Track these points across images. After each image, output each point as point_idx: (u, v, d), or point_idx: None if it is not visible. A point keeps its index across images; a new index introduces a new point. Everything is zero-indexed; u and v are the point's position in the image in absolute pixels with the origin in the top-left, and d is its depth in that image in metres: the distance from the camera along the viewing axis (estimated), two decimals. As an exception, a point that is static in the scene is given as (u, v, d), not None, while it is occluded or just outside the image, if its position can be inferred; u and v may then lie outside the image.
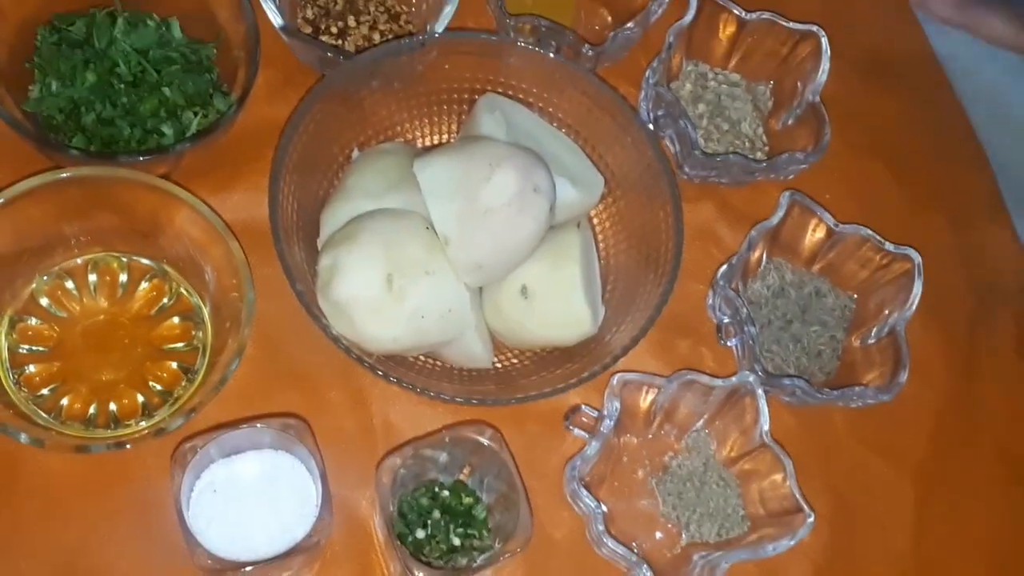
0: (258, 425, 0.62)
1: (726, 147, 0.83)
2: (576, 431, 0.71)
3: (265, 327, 0.71)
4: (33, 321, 0.69)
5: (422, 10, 0.82)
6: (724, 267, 0.76)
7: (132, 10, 0.75)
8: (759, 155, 0.84)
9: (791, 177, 0.82)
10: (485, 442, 0.64)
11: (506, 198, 0.67)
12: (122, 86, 0.72)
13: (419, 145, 0.79)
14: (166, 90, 0.72)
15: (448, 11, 0.77)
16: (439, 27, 0.77)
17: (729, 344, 0.76)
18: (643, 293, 0.72)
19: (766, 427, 0.70)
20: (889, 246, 0.78)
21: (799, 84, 0.83)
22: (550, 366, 0.71)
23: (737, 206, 0.83)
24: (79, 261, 0.70)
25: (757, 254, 0.78)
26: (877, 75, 0.88)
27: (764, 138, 0.84)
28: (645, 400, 0.71)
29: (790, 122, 0.84)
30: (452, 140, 0.79)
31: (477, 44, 0.75)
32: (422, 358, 0.72)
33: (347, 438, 0.70)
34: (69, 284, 0.70)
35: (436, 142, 0.79)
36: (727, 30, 0.84)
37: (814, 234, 0.79)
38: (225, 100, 0.74)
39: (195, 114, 0.73)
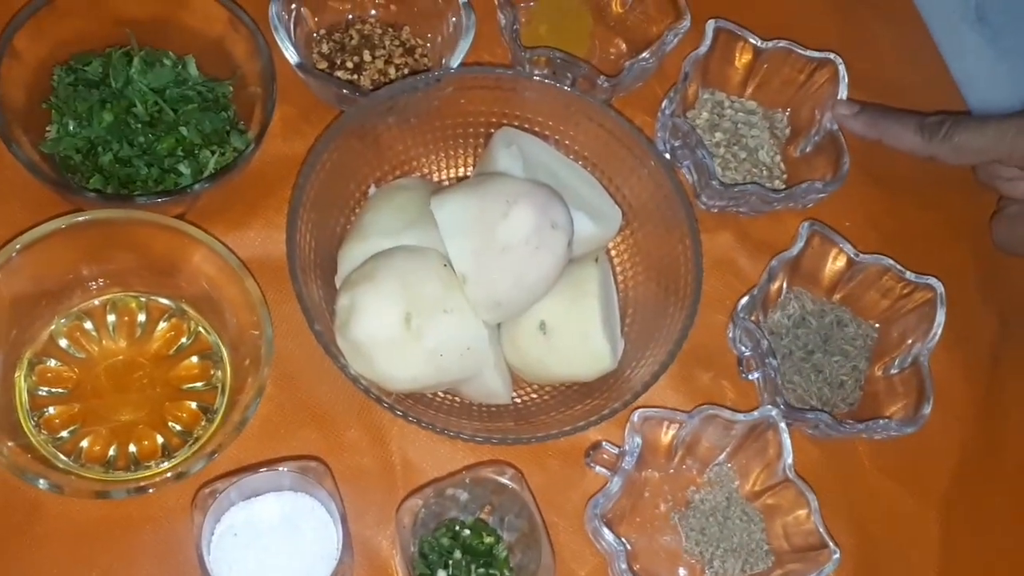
0: (278, 468, 0.62)
1: (744, 175, 0.83)
2: (597, 468, 0.71)
3: (283, 364, 0.71)
4: (52, 363, 0.69)
5: (437, 43, 0.81)
6: (745, 299, 0.75)
7: (148, 48, 0.75)
8: (777, 183, 0.83)
9: (810, 206, 0.81)
10: (506, 482, 0.64)
11: (524, 235, 0.66)
12: (139, 126, 0.72)
13: (436, 179, 0.79)
14: (183, 129, 0.72)
15: (463, 45, 0.77)
16: (455, 61, 0.77)
17: (751, 377, 0.75)
18: (663, 326, 0.72)
19: (789, 461, 0.70)
20: (910, 275, 0.77)
21: (816, 112, 0.83)
22: (570, 402, 0.71)
23: (756, 235, 0.83)
24: (97, 302, 0.70)
25: (777, 284, 0.78)
26: (895, 101, 0.87)
27: (782, 166, 0.84)
28: (666, 435, 0.71)
29: (808, 149, 0.83)
30: (469, 173, 0.79)
31: (493, 78, 0.75)
32: (440, 394, 0.71)
33: (366, 477, 0.70)
34: (88, 325, 0.70)
35: (453, 175, 0.79)
36: (743, 58, 0.84)
37: (834, 263, 0.79)
38: (242, 138, 0.74)
39: (212, 152, 0.73)
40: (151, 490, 0.62)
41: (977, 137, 0.77)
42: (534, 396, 0.73)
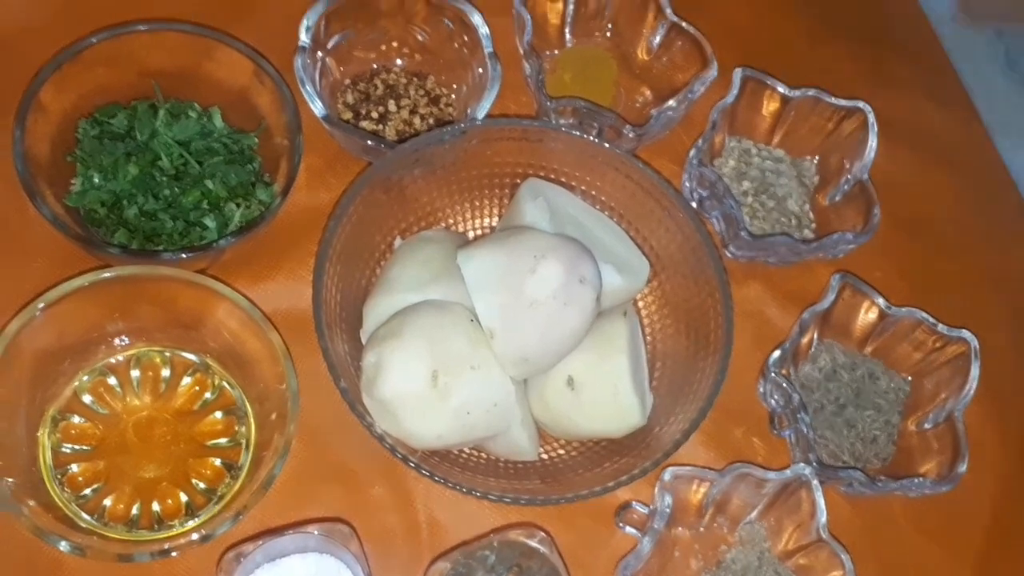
0: (305, 531, 0.61)
1: (772, 224, 0.82)
2: (627, 528, 0.69)
3: (308, 419, 0.70)
4: (76, 419, 0.68)
5: (463, 93, 0.81)
6: (776, 353, 0.74)
7: (174, 100, 0.75)
8: (806, 232, 0.82)
9: (840, 256, 0.80)
10: (535, 546, 0.62)
11: (551, 290, 0.66)
12: (164, 179, 0.72)
13: (461, 230, 0.78)
14: (209, 182, 0.72)
15: (490, 96, 0.77)
16: (481, 112, 0.77)
17: (783, 435, 0.74)
18: (693, 380, 0.71)
19: (823, 521, 0.68)
20: (942, 328, 0.76)
21: (845, 160, 0.82)
22: (599, 460, 0.69)
23: (785, 285, 0.82)
24: (121, 357, 0.70)
25: (808, 337, 0.77)
26: (925, 148, 0.86)
27: (811, 215, 0.83)
28: (697, 493, 0.70)
29: (838, 198, 0.82)
30: (495, 224, 0.78)
31: (519, 130, 0.74)
32: (466, 451, 0.70)
33: (392, 537, 0.69)
34: (112, 380, 0.69)
35: (479, 226, 0.78)
36: (770, 106, 0.83)
37: (866, 316, 0.77)
38: (267, 191, 0.73)
39: (238, 205, 0.73)
40: (175, 553, 0.61)
41: None
42: (561, 452, 0.72)
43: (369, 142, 0.75)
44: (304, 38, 0.76)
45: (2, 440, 0.63)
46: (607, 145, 0.74)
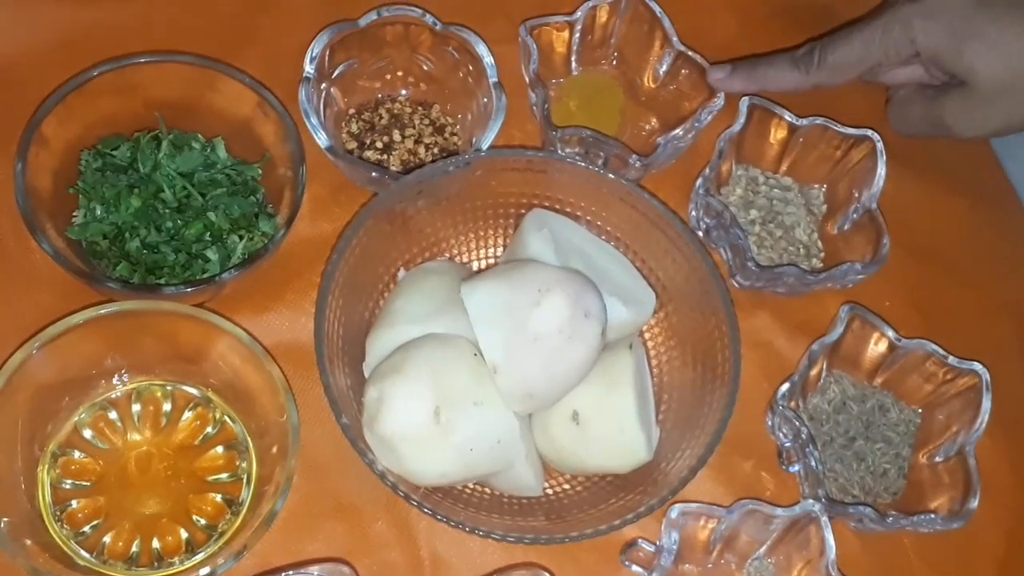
0: (306, 572, 0.60)
1: (780, 254, 0.81)
2: (633, 567, 0.68)
3: (309, 452, 0.69)
4: (76, 454, 0.67)
5: (467, 122, 0.81)
6: (784, 386, 0.73)
7: (177, 131, 0.75)
8: (815, 261, 0.81)
9: (849, 286, 0.79)
10: (539, 586, 0.62)
11: (556, 324, 0.65)
12: (167, 211, 0.71)
13: (465, 260, 0.77)
14: (211, 214, 0.71)
15: (495, 126, 0.76)
16: (486, 142, 0.76)
17: (791, 470, 0.73)
18: (700, 415, 0.70)
19: (832, 558, 0.67)
20: (953, 360, 0.75)
21: (854, 189, 0.81)
22: (604, 495, 0.69)
23: (793, 315, 0.80)
24: (122, 391, 0.69)
25: (817, 369, 0.76)
26: (934, 176, 0.85)
27: (819, 244, 0.82)
28: (704, 530, 0.69)
29: (846, 227, 0.81)
30: (499, 254, 0.77)
31: (524, 161, 0.74)
32: (470, 487, 0.70)
33: (394, 574, 0.68)
34: (112, 415, 0.69)
35: (483, 256, 0.78)
36: (778, 135, 0.82)
37: (876, 347, 0.76)
38: (270, 222, 0.73)
39: (240, 238, 0.72)
40: (174, 594, 0.61)
41: (848, 51, 0.77)
42: (567, 487, 0.71)
43: (374, 173, 0.74)
44: (309, 68, 0.75)
45: (0, 476, 0.62)
46: (612, 175, 0.73)
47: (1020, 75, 0.71)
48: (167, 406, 0.70)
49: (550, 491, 0.71)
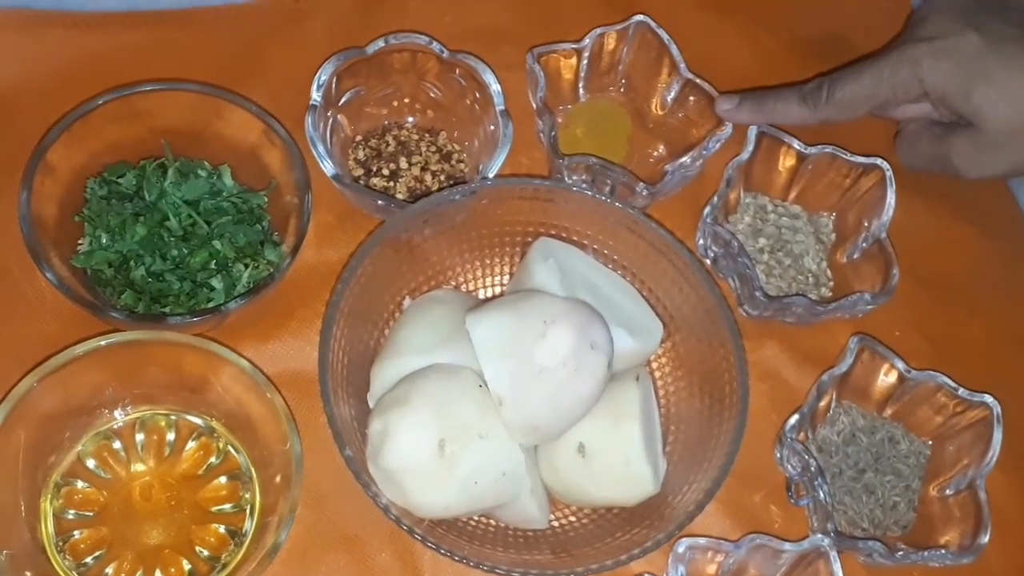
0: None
1: (789, 282, 0.80)
2: (639, 602, 0.68)
3: (313, 482, 0.69)
4: (80, 484, 0.67)
5: (474, 149, 0.80)
6: (793, 418, 0.72)
7: (183, 159, 0.75)
8: (824, 290, 0.81)
9: (859, 316, 0.78)
10: (543, 621, 0.61)
11: (562, 357, 0.64)
12: (172, 239, 0.71)
13: (471, 289, 0.77)
14: (217, 243, 0.71)
15: (501, 154, 0.76)
16: (492, 170, 0.76)
17: (800, 504, 0.72)
18: (707, 448, 0.69)
19: (841, 594, 0.66)
20: (964, 392, 0.74)
21: (863, 218, 0.80)
22: (611, 529, 0.68)
23: (802, 345, 0.80)
24: (126, 421, 0.69)
25: (826, 400, 0.75)
26: (945, 205, 0.84)
27: (828, 272, 0.81)
28: (711, 564, 0.68)
29: (856, 256, 0.80)
30: (505, 282, 0.77)
31: (530, 190, 0.73)
32: (474, 520, 0.69)
33: (399, 606, 0.67)
34: (116, 445, 0.68)
35: (489, 284, 0.77)
36: (786, 163, 0.82)
37: (886, 378, 0.76)
38: (276, 251, 0.73)
39: (245, 266, 0.72)
40: (176, 629, 0.60)
41: (857, 89, 0.76)
42: (572, 520, 0.70)
43: (380, 201, 0.74)
44: (316, 96, 0.75)
45: (1, 507, 0.62)
46: (619, 204, 0.73)
47: None
48: (171, 436, 0.69)
49: (556, 524, 0.70)
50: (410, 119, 0.82)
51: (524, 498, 0.66)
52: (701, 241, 0.81)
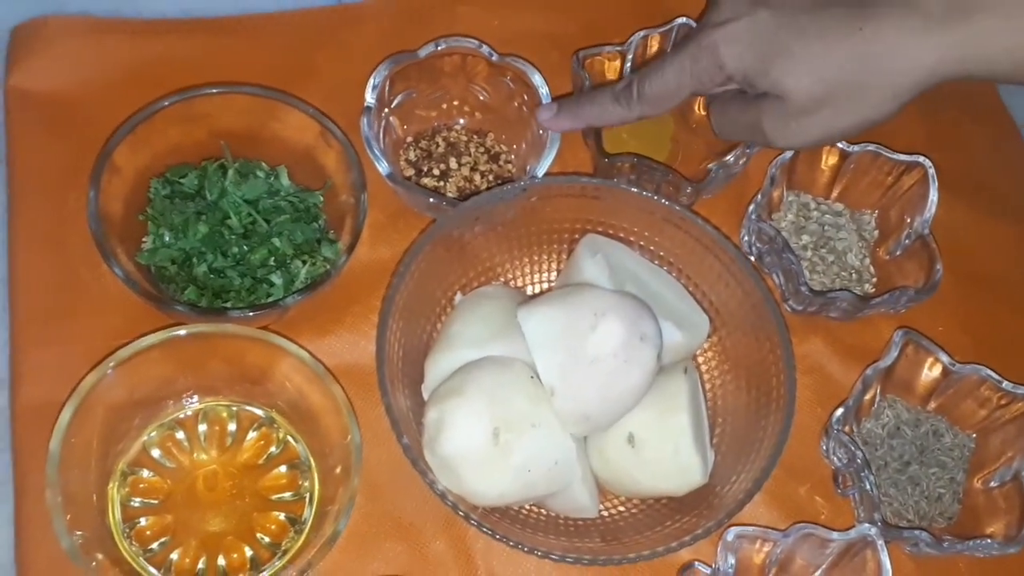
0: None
1: (832, 279, 0.82)
2: (689, 589, 0.69)
3: (369, 473, 0.71)
4: (145, 473, 0.69)
5: (522, 150, 0.82)
6: (839, 411, 0.73)
7: (242, 160, 0.77)
8: (867, 287, 0.82)
9: (902, 311, 0.79)
10: (597, 605, 0.62)
11: (612, 348, 0.66)
12: (233, 237, 0.73)
13: (519, 285, 0.79)
14: (276, 240, 0.73)
15: (549, 154, 0.78)
16: (541, 168, 0.78)
17: (848, 494, 0.73)
18: (755, 439, 0.70)
19: (888, 582, 0.67)
20: (1008, 385, 0.75)
21: (906, 215, 0.82)
22: (660, 518, 0.69)
23: (846, 340, 0.81)
24: (189, 412, 0.71)
25: (871, 394, 0.76)
26: (987, 203, 0.85)
27: (871, 269, 0.83)
28: (760, 553, 0.69)
29: (898, 253, 0.82)
30: (553, 279, 0.79)
31: (578, 187, 0.75)
32: (526, 508, 0.71)
33: (453, 593, 0.69)
34: (180, 435, 0.71)
35: (537, 281, 0.79)
36: (829, 161, 0.83)
37: (930, 372, 0.77)
38: (332, 248, 0.75)
39: (303, 263, 0.74)
40: (241, 610, 0.62)
41: (662, 83, 0.74)
42: (622, 510, 0.72)
43: (432, 199, 0.76)
44: (370, 98, 0.77)
45: (74, 493, 0.64)
46: (665, 201, 0.75)
47: (833, 86, 0.68)
48: (232, 426, 0.71)
49: (605, 513, 0.72)
50: (459, 121, 0.84)
51: (575, 486, 0.68)
52: (745, 238, 0.82)
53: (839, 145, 0.82)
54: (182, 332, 0.67)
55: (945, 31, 0.66)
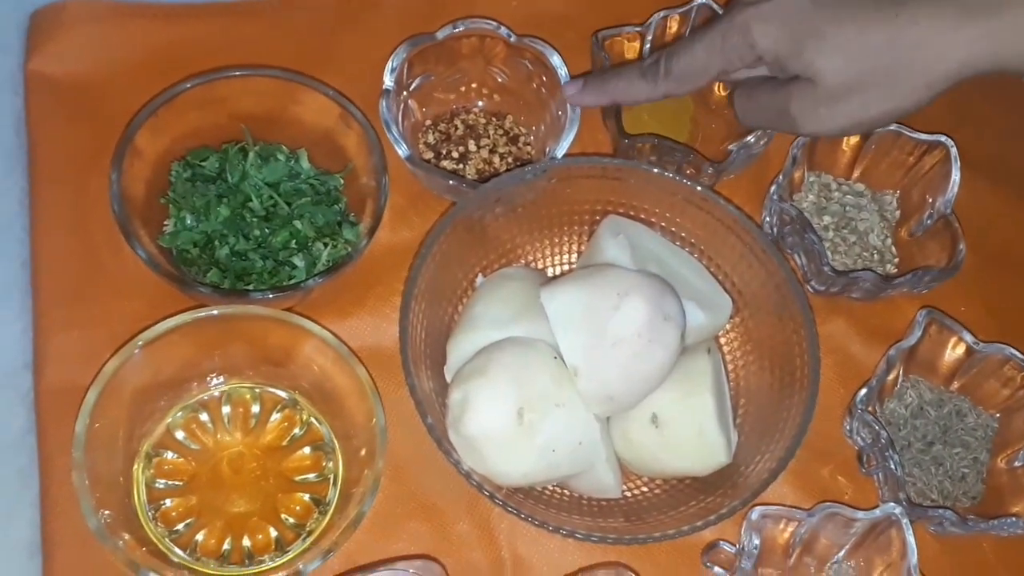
0: (396, 568, 0.62)
1: (854, 259, 0.81)
2: (715, 568, 0.69)
3: (393, 454, 0.71)
4: (169, 455, 0.70)
5: (541, 132, 0.82)
6: (863, 391, 0.73)
7: (262, 143, 0.77)
8: (889, 267, 0.81)
9: (924, 291, 0.79)
10: (623, 584, 0.62)
11: (635, 328, 0.66)
12: (254, 220, 0.73)
13: (540, 267, 0.79)
14: (297, 223, 0.73)
15: (568, 136, 0.78)
16: (560, 151, 0.77)
17: (872, 474, 0.73)
18: (779, 419, 0.70)
19: (914, 561, 0.67)
20: (1032, 365, 0.75)
21: (927, 195, 0.81)
22: (684, 498, 0.69)
23: (869, 320, 0.81)
24: (214, 393, 0.71)
25: (894, 374, 0.76)
26: (1009, 183, 0.85)
27: (893, 249, 0.82)
28: (784, 532, 0.69)
29: (920, 233, 0.81)
30: (574, 260, 0.79)
31: (599, 168, 0.75)
32: (549, 489, 0.71)
33: (477, 574, 0.69)
34: (204, 417, 0.71)
35: (558, 262, 0.79)
36: (850, 141, 0.83)
37: (953, 352, 0.76)
38: (353, 230, 0.75)
39: (325, 245, 0.74)
40: (266, 590, 0.62)
41: (691, 61, 0.73)
42: (645, 490, 0.72)
43: (451, 182, 0.76)
44: (388, 81, 0.77)
45: (100, 474, 0.64)
46: (687, 181, 0.74)
47: (866, 72, 0.68)
48: (256, 408, 0.72)
49: (628, 494, 0.72)
50: (478, 103, 0.84)
51: (599, 467, 0.68)
52: (767, 219, 0.82)
53: (861, 124, 0.81)
54: (208, 313, 0.67)
55: (979, 23, 0.66)
